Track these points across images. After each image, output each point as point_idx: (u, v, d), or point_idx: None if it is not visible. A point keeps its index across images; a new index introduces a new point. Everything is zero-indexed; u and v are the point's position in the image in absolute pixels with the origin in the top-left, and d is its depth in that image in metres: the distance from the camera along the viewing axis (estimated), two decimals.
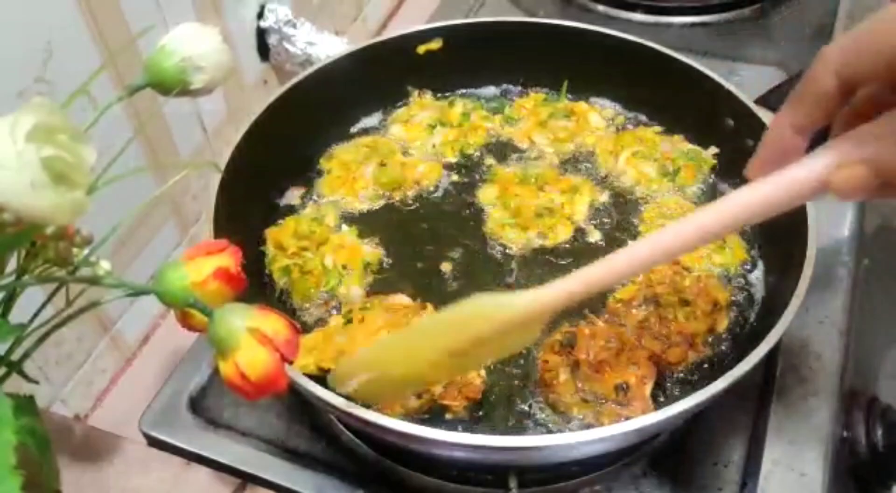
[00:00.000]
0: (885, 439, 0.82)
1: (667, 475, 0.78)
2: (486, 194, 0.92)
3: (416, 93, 1.02)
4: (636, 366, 0.74)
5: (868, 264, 0.95)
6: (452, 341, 0.55)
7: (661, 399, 0.75)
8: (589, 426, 0.72)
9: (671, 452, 0.79)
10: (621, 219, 0.90)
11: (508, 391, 0.76)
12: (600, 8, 1.31)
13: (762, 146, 0.53)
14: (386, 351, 0.63)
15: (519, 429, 0.74)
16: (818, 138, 0.49)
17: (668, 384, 0.76)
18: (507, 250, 0.87)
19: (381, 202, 0.92)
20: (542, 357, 0.76)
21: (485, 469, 0.77)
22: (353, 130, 1.00)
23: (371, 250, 0.86)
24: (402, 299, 0.79)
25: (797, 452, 0.78)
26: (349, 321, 0.77)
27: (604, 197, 0.92)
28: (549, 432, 0.73)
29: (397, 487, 0.78)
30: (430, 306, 0.77)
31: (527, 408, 0.75)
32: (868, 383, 0.90)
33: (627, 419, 0.66)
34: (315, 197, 0.93)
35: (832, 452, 0.78)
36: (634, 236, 0.88)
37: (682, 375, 0.77)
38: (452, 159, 0.97)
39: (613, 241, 0.88)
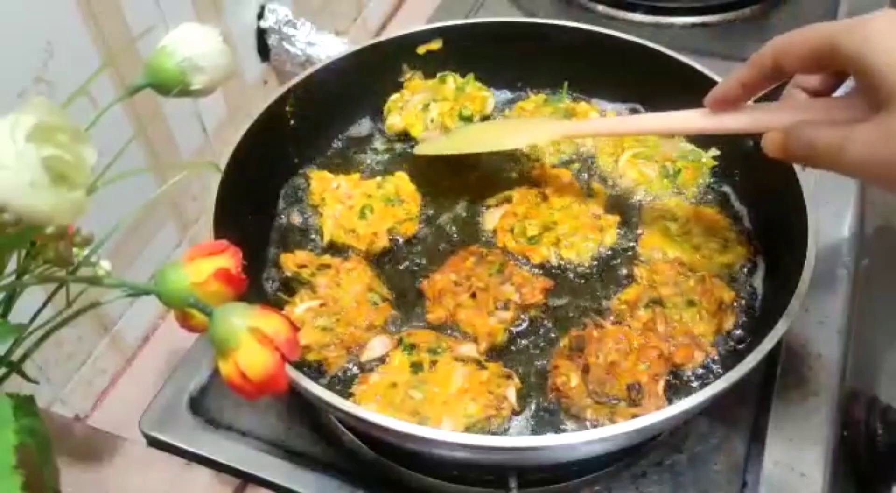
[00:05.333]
0: (885, 439, 0.82)
1: (667, 475, 0.78)
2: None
3: (406, 76, 1.02)
4: (647, 365, 0.74)
5: (868, 264, 0.95)
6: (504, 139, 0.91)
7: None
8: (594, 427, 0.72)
9: (671, 452, 0.79)
10: (622, 220, 0.89)
11: (530, 400, 0.76)
12: (600, 8, 1.31)
13: (718, 87, 0.68)
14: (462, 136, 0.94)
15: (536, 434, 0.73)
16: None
17: (674, 385, 0.76)
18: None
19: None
20: (553, 363, 0.76)
21: (485, 469, 0.77)
22: (352, 131, 1.00)
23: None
24: (470, 352, 0.77)
25: (797, 452, 0.78)
26: (418, 367, 0.74)
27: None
28: None
29: (397, 487, 0.78)
30: (514, 375, 0.75)
31: (544, 414, 0.75)
32: (868, 383, 0.90)
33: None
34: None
35: (832, 452, 0.78)
36: (635, 237, 0.88)
37: (688, 375, 0.77)
38: (452, 125, 0.96)
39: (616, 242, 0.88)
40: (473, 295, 0.80)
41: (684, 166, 0.93)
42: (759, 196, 0.89)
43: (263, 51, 1.05)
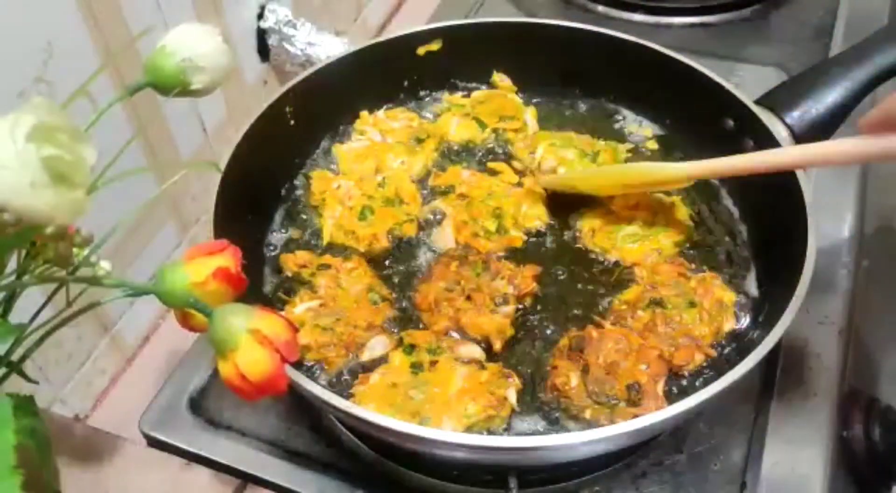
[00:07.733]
0: (884, 439, 0.82)
1: (667, 475, 0.78)
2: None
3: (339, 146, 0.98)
4: (647, 365, 0.74)
5: (868, 264, 0.95)
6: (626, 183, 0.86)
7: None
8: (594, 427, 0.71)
9: (671, 452, 0.79)
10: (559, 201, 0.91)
11: (530, 400, 0.76)
12: (600, 8, 1.31)
13: (873, 111, 0.64)
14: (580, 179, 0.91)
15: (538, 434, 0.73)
16: None
17: (674, 385, 0.76)
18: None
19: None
20: (553, 363, 0.76)
21: (485, 469, 0.77)
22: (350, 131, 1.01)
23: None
24: (473, 351, 0.77)
25: (797, 452, 0.78)
26: (418, 367, 0.74)
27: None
28: None
29: (397, 487, 0.78)
30: (514, 375, 0.75)
31: (544, 414, 0.75)
32: (868, 383, 0.90)
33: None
34: None
35: (832, 452, 0.78)
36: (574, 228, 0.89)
37: (687, 375, 0.76)
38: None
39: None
40: (468, 298, 0.80)
41: (602, 149, 0.94)
42: (759, 197, 0.89)
43: (263, 51, 1.05)
